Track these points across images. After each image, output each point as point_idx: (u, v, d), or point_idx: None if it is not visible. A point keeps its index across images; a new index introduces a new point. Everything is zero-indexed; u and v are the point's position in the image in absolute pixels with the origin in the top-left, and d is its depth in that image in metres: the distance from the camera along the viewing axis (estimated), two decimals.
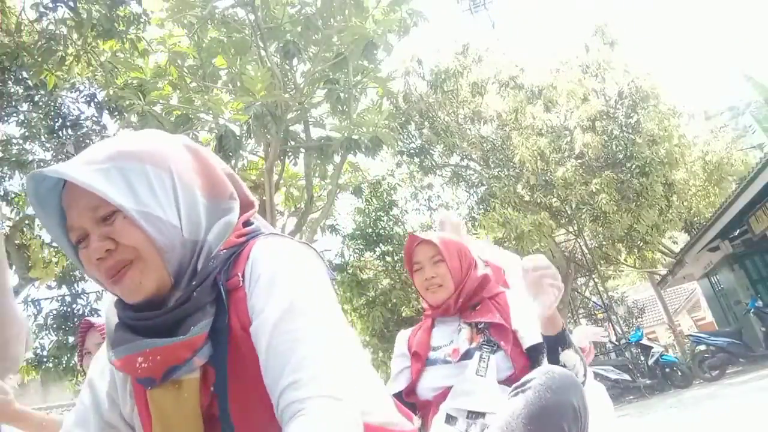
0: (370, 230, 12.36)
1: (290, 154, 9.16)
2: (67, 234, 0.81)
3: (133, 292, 0.78)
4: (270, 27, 8.49)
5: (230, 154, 7.13)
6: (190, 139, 0.90)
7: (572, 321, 16.00)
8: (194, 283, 0.78)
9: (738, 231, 12.56)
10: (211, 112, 7.72)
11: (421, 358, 1.58)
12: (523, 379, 1.11)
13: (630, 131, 12.97)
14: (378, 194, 12.51)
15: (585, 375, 1.41)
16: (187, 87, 8.27)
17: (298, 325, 0.72)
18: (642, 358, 11.27)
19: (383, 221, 12.55)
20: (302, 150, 9.18)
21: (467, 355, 1.51)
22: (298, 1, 8.31)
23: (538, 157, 12.36)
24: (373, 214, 12.48)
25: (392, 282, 12.39)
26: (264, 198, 8.01)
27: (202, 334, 0.76)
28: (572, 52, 14.38)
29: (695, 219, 14.93)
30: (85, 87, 7.92)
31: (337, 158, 9.17)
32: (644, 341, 11.40)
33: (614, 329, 14.20)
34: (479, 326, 1.56)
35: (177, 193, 0.79)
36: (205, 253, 0.80)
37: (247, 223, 0.89)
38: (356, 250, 12.81)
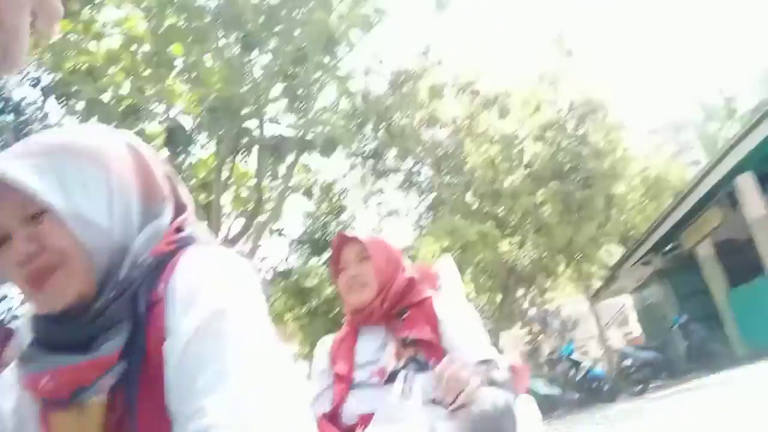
0: (318, 235, 12.05)
1: (243, 151, 9.04)
2: None
3: (53, 300, 0.71)
4: (232, 15, 8.31)
5: (179, 148, 7.00)
6: (135, 136, 0.85)
7: (509, 332, 16.40)
8: (113, 294, 0.71)
9: (670, 246, 13.22)
10: (163, 102, 7.54)
11: (344, 379, 1.46)
12: (459, 401, 1.10)
13: (577, 143, 13.41)
14: (329, 197, 12.28)
15: (514, 392, 1.38)
16: (140, 75, 8.04)
17: (213, 346, 0.65)
18: (572, 373, 11.47)
19: (332, 226, 12.30)
20: (255, 147, 9.08)
21: (393, 376, 1.40)
22: None
23: (489, 166, 12.63)
24: (323, 218, 12.25)
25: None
26: (212, 198, 7.87)
27: (113, 354, 0.68)
28: (529, 59, 14.73)
29: (631, 233, 15.61)
30: (31, 69, 7.52)
31: (290, 158, 9.10)
32: (574, 356, 11.70)
33: (549, 342, 14.55)
34: (406, 341, 1.44)
35: (112, 194, 0.74)
36: (129, 261, 0.73)
37: (179, 229, 0.81)
38: (302, 256, 12.48)
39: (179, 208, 0.84)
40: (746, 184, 9.33)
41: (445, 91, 13.90)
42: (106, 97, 7.27)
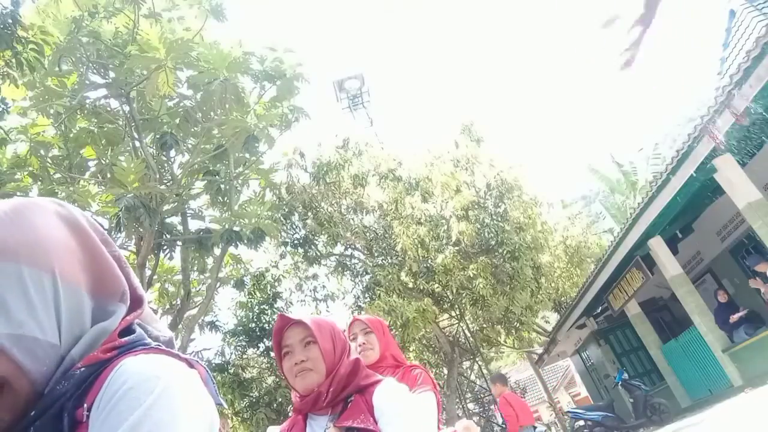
0: (253, 325, 11.82)
1: (165, 247, 8.69)
2: None
3: None
4: (146, 118, 8.28)
5: None
6: (68, 204, 0.70)
7: (460, 405, 16.08)
8: (33, 414, 0.58)
9: (600, 309, 13.67)
10: (76, 204, 7.20)
11: None
12: None
13: (499, 219, 13.97)
14: (261, 287, 12.13)
15: None
16: (50, 178, 7.71)
17: None
18: None
19: (267, 315, 12.12)
20: (179, 243, 8.77)
21: None
22: (177, 94, 8.23)
23: (419, 245, 12.84)
24: (257, 307, 11.99)
25: (277, 380, 11.79)
26: None
27: None
28: (444, 147, 15.51)
29: (562, 299, 16.08)
30: None
31: (217, 251, 8.84)
32: None
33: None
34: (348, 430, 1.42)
35: (59, 300, 0.62)
36: (59, 373, 0.61)
37: (126, 331, 0.67)
38: (238, 348, 12.17)
39: (134, 302, 0.71)
40: (659, 247, 9.97)
41: (369, 179, 14.27)
42: None
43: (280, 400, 11.33)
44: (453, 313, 14.56)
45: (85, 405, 0.59)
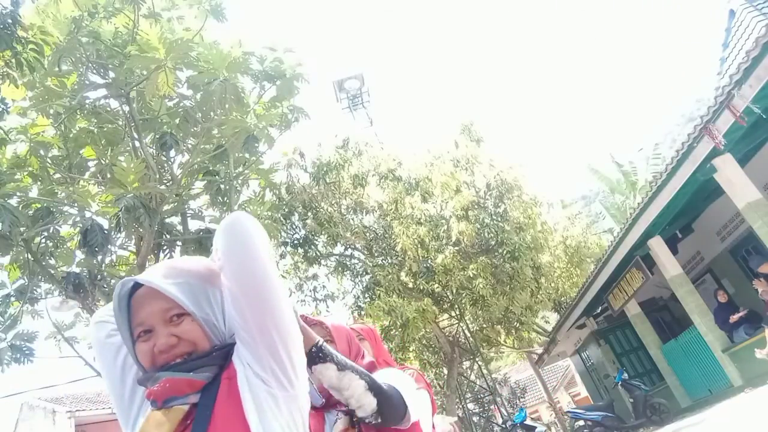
0: None
1: (165, 247, 8.68)
2: (130, 327, 1.06)
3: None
4: (146, 119, 8.27)
5: (96, 249, 6.61)
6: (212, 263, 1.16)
7: (460, 405, 16.08)
8: (216, 347, 1.07)
9: (600, 309, 13.68)
10: (76, 204, 7.19)
11: None
12: None
13: (499, 219, 13.99)
14: None
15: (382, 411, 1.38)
16: (50, 178, 7.69)
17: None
18: None
19: None
20: (179, 243, 8.76)
21: None
22: (176, 94, 8.22)
23: (419, 245, 12.84)
24: None
25: None
26: None
27: (203, 381, 1.02)
28: (444, 147, 15.52)
29: (562, 299, 16.08)
30: None
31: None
32: (528, 421, 11.67)
33: (500, 411, 14.40)
34: (353, 419, 1.49)
35: (222, 306, 1.09)
36: (226, 337, 1.10)
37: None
38: None
39: None
40: (658, 246, 9.97)
41: (368, 179, 14.28)
42: (13, 202, 6.85)
43: None
44: (453, 313, 14.57)
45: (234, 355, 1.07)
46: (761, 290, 8.32)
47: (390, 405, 1.42)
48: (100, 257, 7.40)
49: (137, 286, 1.07)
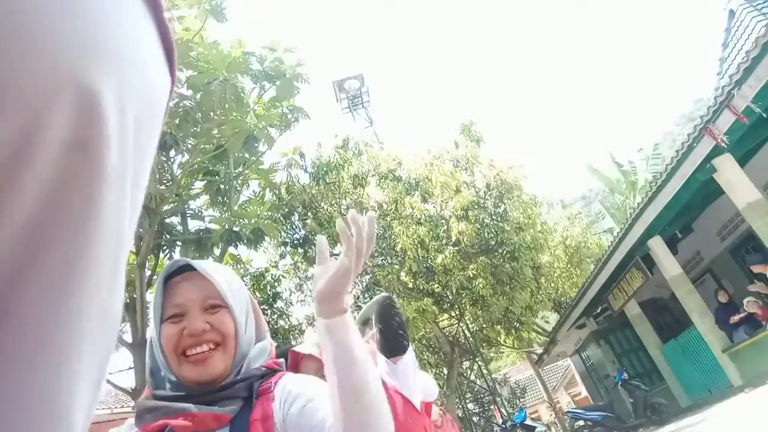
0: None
1: (165, 247, 8.69)
2: (161, 307, 1.06)
3: (207, 371, 1.01)
4: None
5: None
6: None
7: (460, 405, 16.07)
8: (239, 377, 1.04)
9: (600, 309, 13.68)
10: None
11: None
12: None
13: (499, 219, 13.97)
14: (261, 287, 12.12)
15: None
16: None
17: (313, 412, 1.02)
18: None
19: (267, 315, 12.07)
20: (179, 243, 8.76)
21: None
22: (176, 95, 8.23)
23: (419, 245, 12.83)
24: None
25: None
26: (135, 296, 7.41)
27: (230, 414, 0.98)
28: (444, 147, 15.50)
29: (562, 299, 16.08)
30: None
31: (216, 251, 8.84)
32: (528, 422, 11.67)
33: (500, 411, 14.40)
34: None
35: (249, 316, 1.13)
36: (247, 362, 1.09)
37: (276, 362, 1.17)
38: None
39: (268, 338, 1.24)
40: (658, 247, 9.97)
41: (368, 179, 14.27)
42: None
43: None
44: (453, 313, 14.56)
45: (272, 383, 1.05)
46: (753, 290, 8.36)
47: None
48: None
49: (181, 270, 1.09)
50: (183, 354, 1.02)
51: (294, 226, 13.84)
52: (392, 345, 1.54)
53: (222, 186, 8.74)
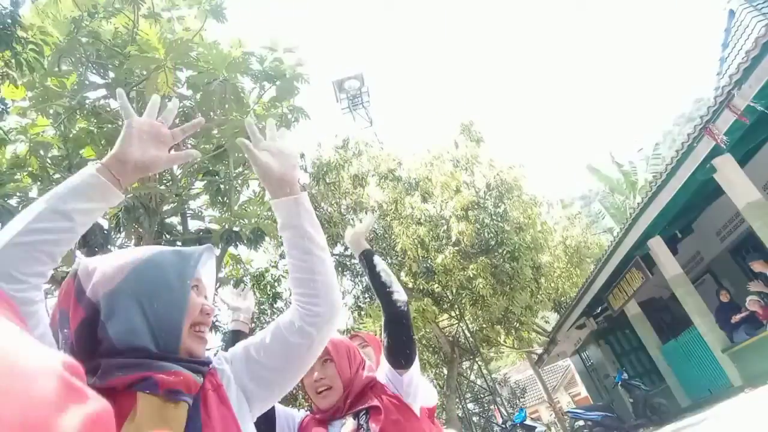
0: (253, 325, 11.75)
1: None
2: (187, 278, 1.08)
3: (204, 348, 1.08)
4: None
5: (96, 249, 6.61)
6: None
7: (460, 405, 16.07)
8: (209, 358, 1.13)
9: (600, 309, 13.67)
10: None
11: None
12: None
13: (499, 219, 13.98)
14: (261, 287, 12.12)
15: None
16: (50, 178, 7.69)
17: None
18: None
19: (267, 315, 12.07)
20: (179, 243, 8.76)
21: None
22: (176, 94, 8.22)
23: (419, 245, 12.83)
24: (257, 308, 11.99)
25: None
26: None
27: (199, 384, 1.01)
28: (444, 147, 15.52)
29: (562, 299, 16.08)
30: None
31: (216, 251, 8.81)
32: (528, 421, 11.68)
33: (500, 411, 14.39)
34: (359, 414, 1.57)
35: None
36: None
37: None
38: None
39: None
40: (658, 246, 9.96)
41: (368, 179, 14.27)
42: (13, 202, 6.85)
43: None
44: (453, 313, 14.56)
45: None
46: (753, 289, 8.35)
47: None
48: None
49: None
50: (194, 326, 1.06)
51: None
52: (400, 358, 1.66)
53: (222, 186, 8.72)
